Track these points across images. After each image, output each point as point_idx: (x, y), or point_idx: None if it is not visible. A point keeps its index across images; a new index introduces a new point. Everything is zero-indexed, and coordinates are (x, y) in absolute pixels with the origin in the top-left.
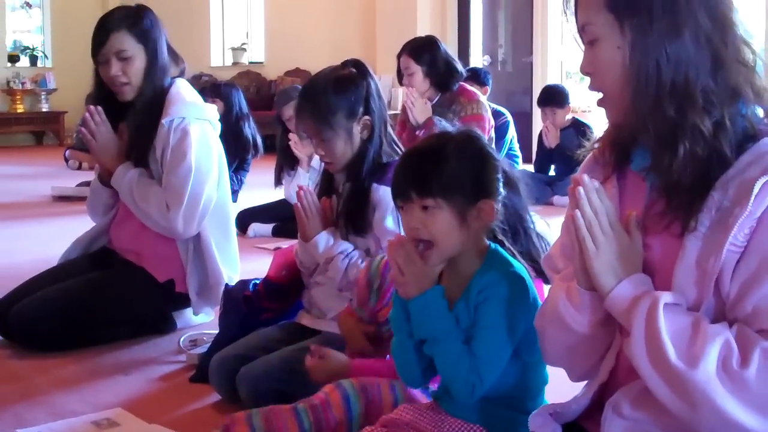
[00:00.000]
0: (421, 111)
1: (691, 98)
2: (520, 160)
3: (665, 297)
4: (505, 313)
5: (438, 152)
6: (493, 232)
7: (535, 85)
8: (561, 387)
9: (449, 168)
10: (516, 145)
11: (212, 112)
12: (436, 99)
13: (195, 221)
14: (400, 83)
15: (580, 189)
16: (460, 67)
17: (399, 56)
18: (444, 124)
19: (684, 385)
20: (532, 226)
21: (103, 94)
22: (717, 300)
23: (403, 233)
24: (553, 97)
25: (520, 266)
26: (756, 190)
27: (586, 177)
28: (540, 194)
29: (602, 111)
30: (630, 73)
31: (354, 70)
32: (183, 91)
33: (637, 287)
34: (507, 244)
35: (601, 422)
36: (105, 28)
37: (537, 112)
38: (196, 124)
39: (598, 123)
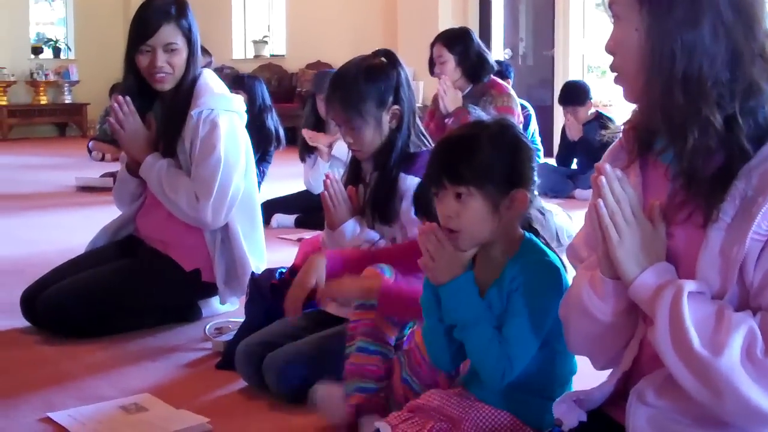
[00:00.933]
0: (452, 99)
1: (703, 90)
2: (541, 153)
3: (689, 285)
4: (537, 301)
5: (472, 140)
6: (527, 221)
7: (557, 79)
8: (588, 377)
9: (482, 156)
10: (538, 139)
11: (240, 103)
12: (468, 90)
13: (223, 212)
14: (431, 73)
15: (602, 178)
16: (491, 60)
17: (432, 45)
18: (479, 113)
19: (708, 373)
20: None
21: (135, 83)
22: (741, 288)
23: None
24: (574, 96)
25: (554, 255)
26: None
27: (608, 166)
28: (562, 187)
29: (625, 105)
30: (644, 57)
31: (384, 59)
32: (211, 83)
33: (661, 276)
34: (541, 233)
35: (626, 410)
36: (154, 19)
37: (558, 106)
38: (225, 115)
39: (621, 116)
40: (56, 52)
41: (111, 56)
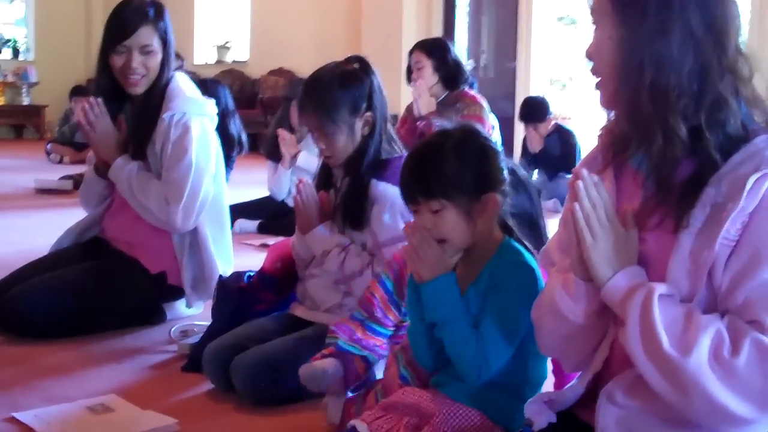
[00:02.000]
0: (425, 103)
1: (668, 100)
2: (505, 166)
3: (660, 288)
4: (513, 301)
5: (437, 153)
6: (503, 221)
7: (518, 91)
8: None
9: (449, 169)
10: (502, 151)
11: (211, 107)
12: (442, 98)
13: (193, 216)
14: (408, 81)
15: (579, 182)
16: (466, 69)
17: (410, 53)
18: (441, 123)
19: (676, 373)
20: (543, 228)
21: (108, 83)
22: (709, 292)
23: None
24: (534, 112)
25: (531, 257)
26: (748, 186)
27: (585, 171)
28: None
29: (584, 117)
30: (616, 64)
31: (357, 66)
32: (183, 86)
33: (632, 278)
34: (516, 232)
35: (596, 410)
36: (132, 20)
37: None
38: (197, 119)
39: (580, 129)
40: (15, 52)
41: (71, 58)
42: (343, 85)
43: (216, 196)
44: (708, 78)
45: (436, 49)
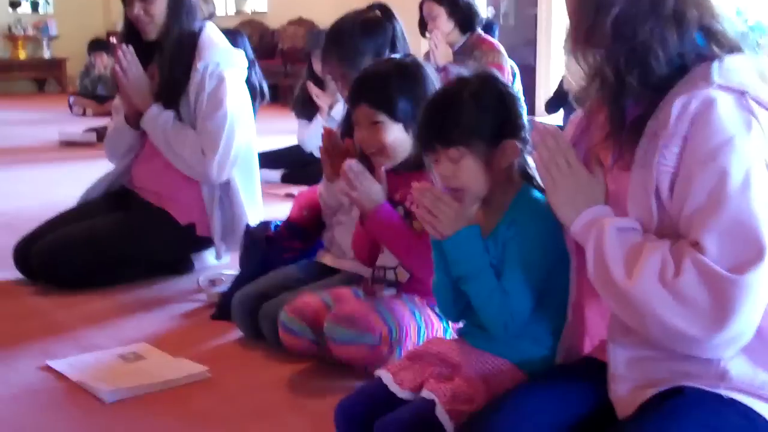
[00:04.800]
0: (443, 54)
1: (597, 43)
2: (524, 112)
3: (615, 221)
4: (534, 250)
5: (454, 100)
6: (523, 168)
7: (539, 38)
8: None
9: (466, 115)
10: (521, 99)
11: (242, 58)
12: (458, 45)
13: (228, 167)
14: (422, 34)
15: (534, 133)
16: (478, 9)
17: (421, 5)
18: (458, 70)
19: (627, 299)
20: None
21: (132, 33)
22: (667, 220)
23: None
24: (560, 102)
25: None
26: (674, 110)
27: (540, 122)
28: None
29: None
30: (574, 7)
31: (379, 13)
32: (214, 36)
33: (590, 216)
34: (536, 180)
35: (607, 353)
36: None
37: (541, 65)
38: (230, 70)
39: None
40: (34, 6)
41: (90, 11)
42: (366, 32)
43: (246, 147)
44: (636, 24)
45: None
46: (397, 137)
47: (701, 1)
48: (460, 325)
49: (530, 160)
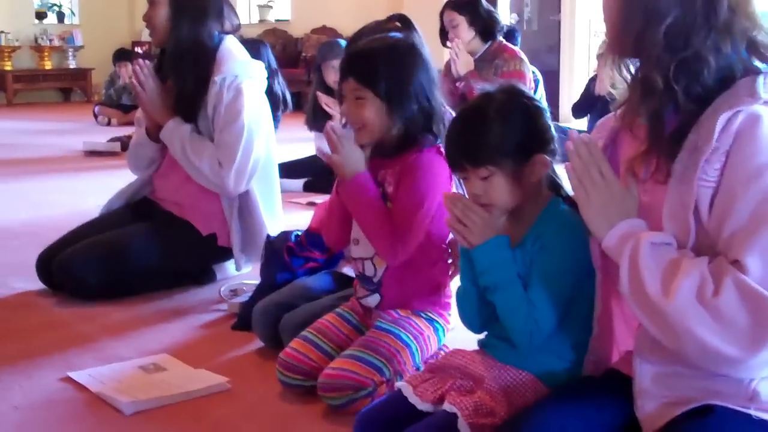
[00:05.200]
0: (464, 63)
1: (646, 52)
2: (551, 123)
3: (651, 236)
4: (560, 264)
5: (480, 119)
6: (551, 179)
7: (563, 44)
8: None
9: (494, 134)
10: (545, 105)
11: (261, 70)
12: (480, 53)
13: (245, 179)
14: (443, 43)
15: (569, 143)
16: (500, 17)
17: (441, 14)
18: (482, 86)
19: (664, 318)
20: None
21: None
22: (703, 236)
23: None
24: (586, 107)
25: (578, 216)
26: (718, 125)
27: (575, 131)
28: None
29: None
30: (617, 13)
31: (399, 24)
32: (234, 49)
33: (625, 230)
34: (564, 189)
35: (633, 369)
36: None
37: (564, 71)
38: (248, 81)
39: None
40: (60, 17)
41: (115, 21)
42: None
43: (266, 158)
44: (691, 34)
45: (466, 5)
46: (378, 115)
47: (750, 13)
48: (482, 336)
49: (559, 171)
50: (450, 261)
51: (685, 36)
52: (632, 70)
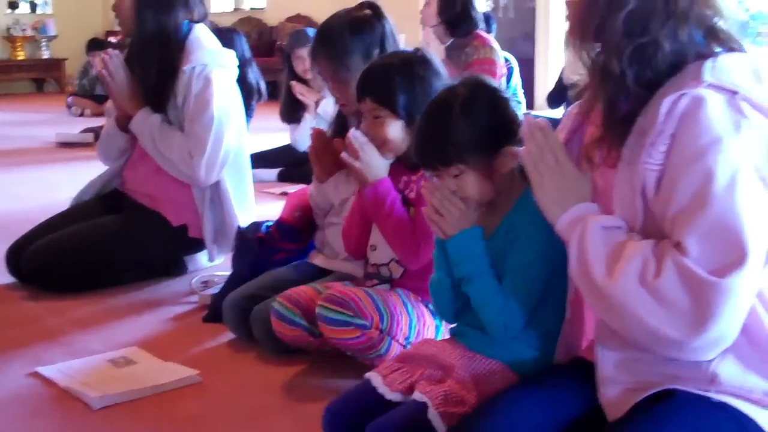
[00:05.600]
0: (434, 52)
1: (607, 38)
2: (523, 106)
3: (600, 219)
4: (533, 255)
5: (446, 118)
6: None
7: (538, 31)
8: None
9: (461, 132)
10: (520, 92)
11: (231, 58)
12: (450, 42)
13: (216, 169)
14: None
15: (524, 128)
16: (476, 18)
17: None
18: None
19: (607, 299)
20: None
21: None
22: (652, 219)
23: None
24: (561, 96)
25: None
26: (663, 108)
27: (530, 117)
28: None
29: None
30: (578, 4)
31: (369, 11)
32: (202, 37)
33: (576, 214)
34: None
35: (595, 356)
36: None
37: (540, 58)
38: (218, 71)
39: None
40: (33, 6)
41: (88, 11)
42: (355, 31)
43: (237, 148)
44: (649, 21)
45: None
46: (398, 132)
47: (711, 0)
48: (453, 325)
49: None
50: None
51: (644, 22)
52: (593, 56)
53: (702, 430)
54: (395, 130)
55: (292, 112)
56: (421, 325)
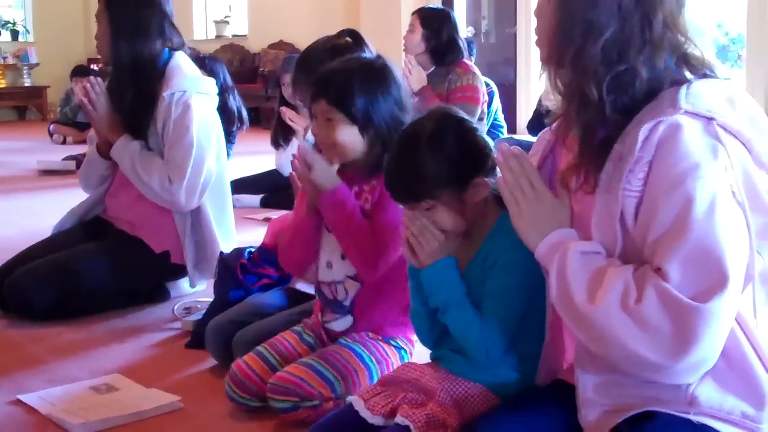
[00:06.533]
0: (417, 79)
1: (585, 66)
2: (504, 130)
3: (579, 245)
4: (512, 281)
5: (414, 154)
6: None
7: (519, 57)
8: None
9: (429, 169)
10: (501, 116)
11: (211, 85)
12: (432, 69)
13: (197, 195)
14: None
15: (499, 156)
16: (462, 47)
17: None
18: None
19: (590, 325)
20: None
21: None
22: (631, 244)
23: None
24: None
25: None
26: (641, 135)
27: (505, 145)
28: None
29: None
30: (553, 27)
31: (350, 39)
32: (182, 64)
33: (555, 240)
34: None
35: (575, 379)
36: None
37: (521, 83)
38: (197, 97)
39: None
40: (14, 34)
41: (70, 38)
42: (335, 58)
43: (218, 174)
44: (627, 49)
45: (431, 20)
46: (351, 137)
47: (682, 27)
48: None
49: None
50: None
51: (621, 50)
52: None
53: None
54: (347, 134)
55: (282, 138)
56: (384, 367)
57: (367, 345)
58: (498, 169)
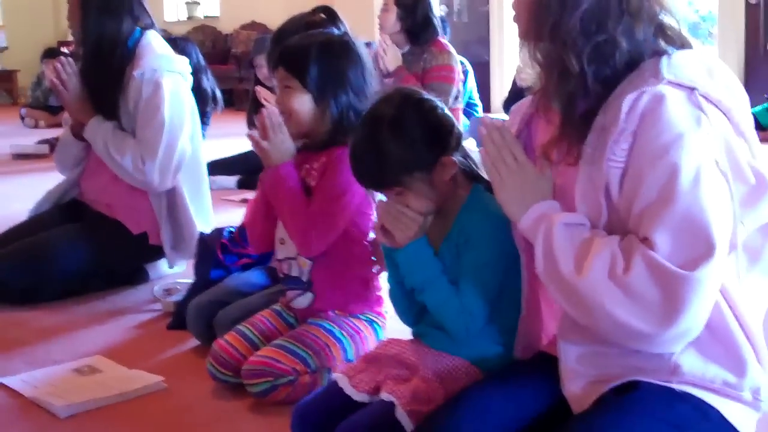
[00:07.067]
0: (392, 58)
1: (563, 38)
2: (480, 109)
3: (564, 217)
4: (486, 255)
5: (377, 141)
6: (469, 170)
7: (492, 35)
8: None
9: (393, 155)
10: (476, 95)
11: (184, 64)
12: (407, 48)
13: (170, 174)
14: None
15: (482, 128)
16: (437, 26)
17: None
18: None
19: (575, 294)
20: None
21: None
22: (614, 215)
23: None
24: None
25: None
26: (624, 106)
27: (488, 117)
28: None
29: None
30: (531, 1)
31: (324, 16)
32: (154, 43)
33: (539, 212)
34: (485, 178)
35: (557, 351)
36: None
37: (495, 62)
38: (168, 76)
39: None
40: None
41: (40, 21)
42: None
43: (193, 154)
44: (605, 20)
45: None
46: (305, 106)
47: None
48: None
49: (477, 158)
50: (374, 258)
51: (600, 21)
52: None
53: (666, 420)
54: (302, 102)
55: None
56: (359, 341)
57: (336, 321)
58: (463, 143)
